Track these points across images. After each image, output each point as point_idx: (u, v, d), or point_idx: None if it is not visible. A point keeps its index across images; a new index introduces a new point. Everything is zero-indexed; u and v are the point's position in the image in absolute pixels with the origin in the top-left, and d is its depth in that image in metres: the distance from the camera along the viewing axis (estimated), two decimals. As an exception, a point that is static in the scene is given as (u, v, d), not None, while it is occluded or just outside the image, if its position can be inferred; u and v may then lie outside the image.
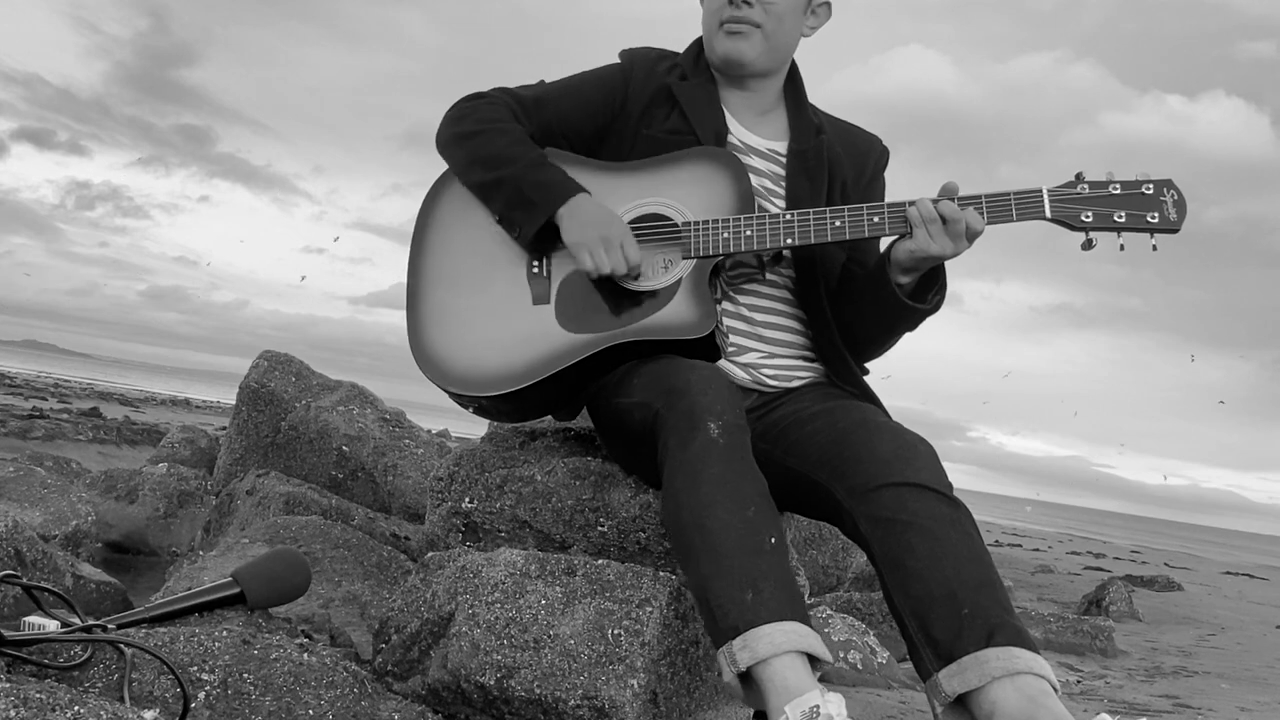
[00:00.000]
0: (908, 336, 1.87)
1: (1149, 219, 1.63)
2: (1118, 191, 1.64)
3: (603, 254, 1.69)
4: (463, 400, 1.80)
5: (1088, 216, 1.63)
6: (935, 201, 1.64)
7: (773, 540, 1.42)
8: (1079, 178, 1.65)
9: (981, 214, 1.64)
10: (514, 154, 1.80)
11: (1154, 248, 1.65)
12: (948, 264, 1.72)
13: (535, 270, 1.79)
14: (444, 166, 1.93)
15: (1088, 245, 1.64)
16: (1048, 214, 1.64)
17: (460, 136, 1.86)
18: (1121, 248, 1.65)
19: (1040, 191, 1.64)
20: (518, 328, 1.75)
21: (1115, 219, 1.63)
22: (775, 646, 1.32)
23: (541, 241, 1.78)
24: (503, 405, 1.80)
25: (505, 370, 1.73)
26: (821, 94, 1.94)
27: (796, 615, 1.37)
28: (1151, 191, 1.64)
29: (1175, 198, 1.64)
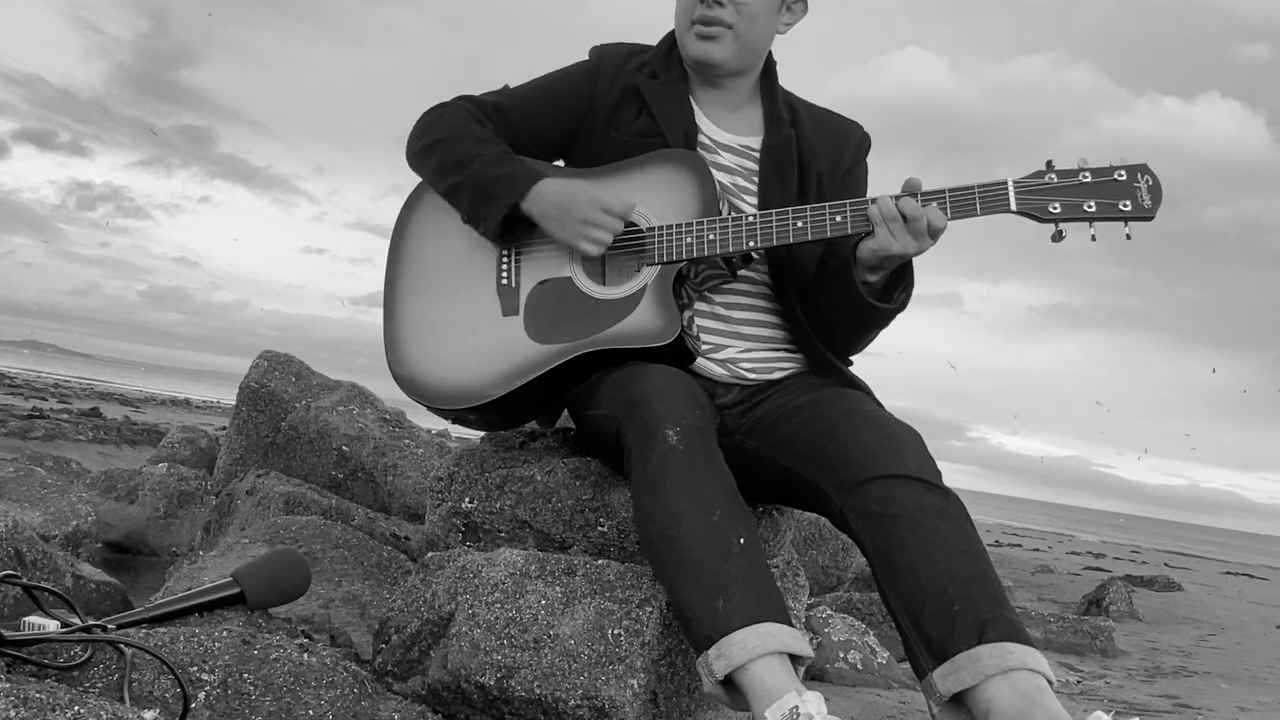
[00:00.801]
0: (908, 337, 1.86)
1: (1121, 207, 1.57)
2: (1088, 180, 1.58)
3: (597, 232, 1.69)
4: (441, 413, 1.81)
5: (1055, 207, 1.58)
6: (896, 199, 1.61)
7: (741, 541, 1.42)
8: (1049, 166, 1.60)
9: (945, 210, 1.60)
10: (476, 153, 1.80)
11: (1127, 236, 1.58)
12: (920, 261, 1.68)
13: (504, 282, 1.80)
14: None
15: (1058, 237, 1.58)
16: (1013, 206, 1.59)
17: (426, 148, 1.86)
18: (1093, 238, 1.58)
19: (1005, 184, 1.60)
20: (489, 340, 1.76)
21: (1085, 209, 1.57)
22: (749, 652, 1.32)
23: (509, 234, 1.78)
24: (480, 416, 1.80)
25: (478, 383, 1.73)
26: (819, 96, 1.93)
27: (770, 615, 1.36)
28: (1124, 178, 1.58)
29: (1150, 183, 1.57)
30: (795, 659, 1.36)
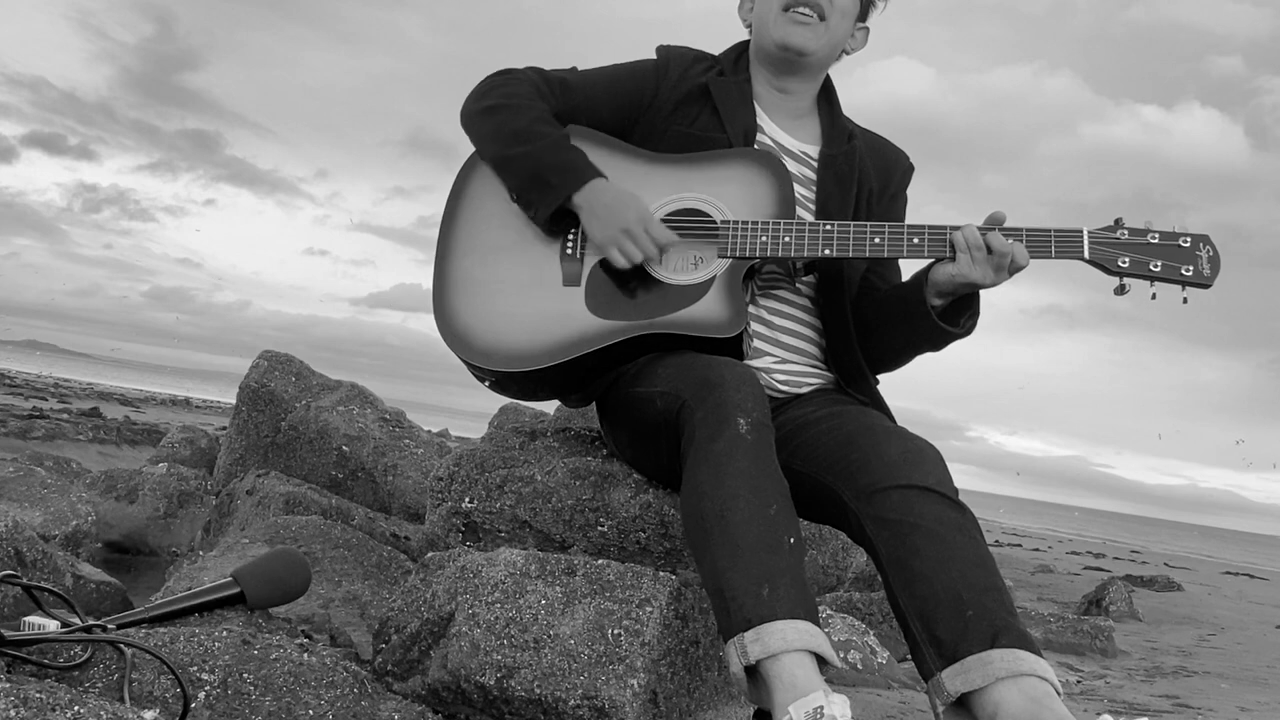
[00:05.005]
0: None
1: (1184, 271, 1.63)
2: (1155, 241, 1.65)
3: (631, 246, 1.70)
4: (480, 373, 1.80)
5: (1124, 262, 1.64)
6: (983, 230, 1.64)
7: (792, 540, 1.43)
8: (1118, 223, 1.66)
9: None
10: (536, 131, 1.80)
11: (1184, 300, 1.65)
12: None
13: (569, 251, 1.79)
14: (451, 157, 1.93)
15: (1121, 290, 1.65)
16: (1086, 255, 1.64)
17: (483, 111, 1.86)
18: (1154, 296, 1.65)
19: (1080, 232, 1.65)
20: (545, 307, 1.75)
21: (1151, 268, 1.64)
22: (787, 643, 1.33)
23: (555, 224, 1.79)
24: (520, 382, 1.80)
25: (529, 348, 1.73)
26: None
27: (809, 616, 1.37)
28: (1188, 245, 1.64)
29: (1210, 254, 1.64)
30: (821, 664, 1.36)
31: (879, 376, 1.91)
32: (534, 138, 1.79)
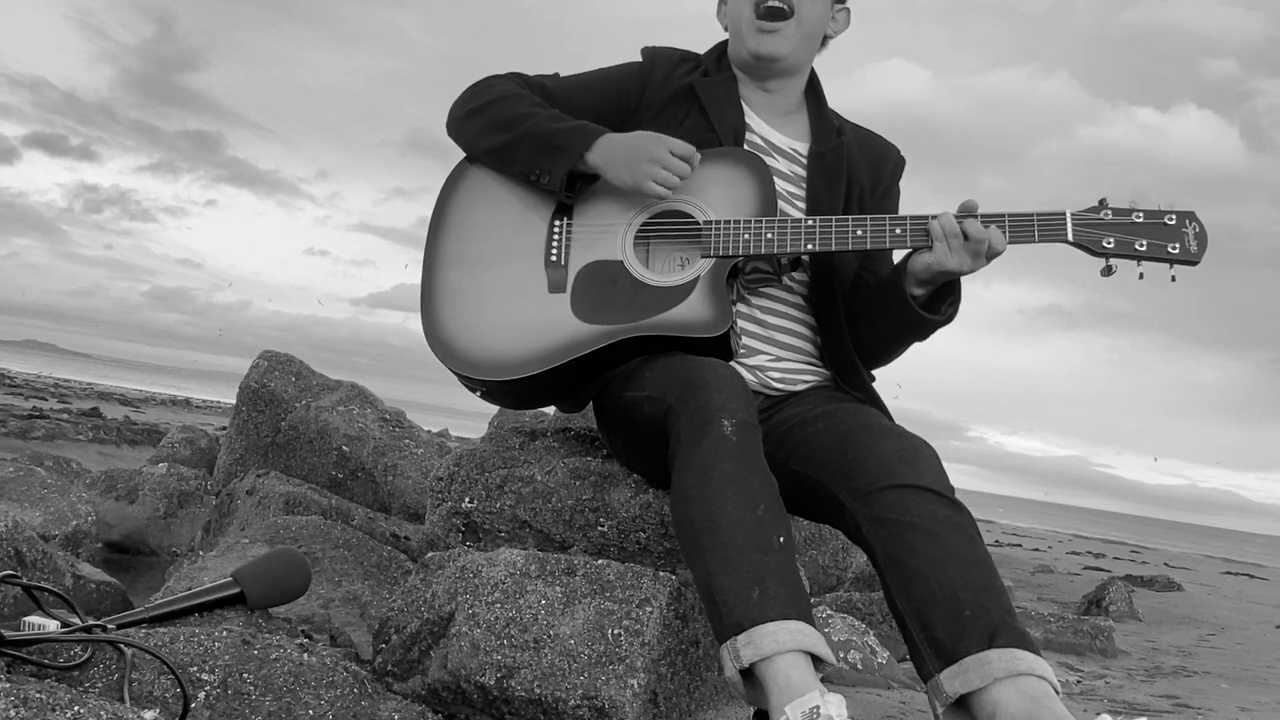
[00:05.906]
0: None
1: (1170, 249, 1.63)
2: (1140, 220, 1.64)
3: (663, 172, 1.70)
4: (470, 383, 1.80)
5: (1109, 243, 1.63)
6: (959, 218, 1.64)
7: (781, 539, 1.43)
8: (1102, 203, 1.66)
9: (1004, 233, 1.64)
10: (532, 112, 1.81)
11: (1173, 278, 1.65)
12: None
13: (553, 258, 1.79)
14: (452, 158, 1.93)
15: (1107, 271, 1.64)
16: (1070, 237, 1.64)
17: (475, 109, 1.86)
18: (1141, 276, 1.65)
19: (1064, 215, 1.64)
20: (532, 314, 1.75)
21: (1136, 247, 1.63)
22: (779, 644, 1.33)
23: (569, 189, 1.78)
24: (510, 391, 1.80)
25: (516, 356, 1.73)
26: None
27: (801, 615, 1.37)
28: (1174, 222, 1.64)
29: (1197, 230, 1.63)
30: (817, 662, 1.36)
31: (874, 372, 1.90)
32: (531, 116, 1.79)
